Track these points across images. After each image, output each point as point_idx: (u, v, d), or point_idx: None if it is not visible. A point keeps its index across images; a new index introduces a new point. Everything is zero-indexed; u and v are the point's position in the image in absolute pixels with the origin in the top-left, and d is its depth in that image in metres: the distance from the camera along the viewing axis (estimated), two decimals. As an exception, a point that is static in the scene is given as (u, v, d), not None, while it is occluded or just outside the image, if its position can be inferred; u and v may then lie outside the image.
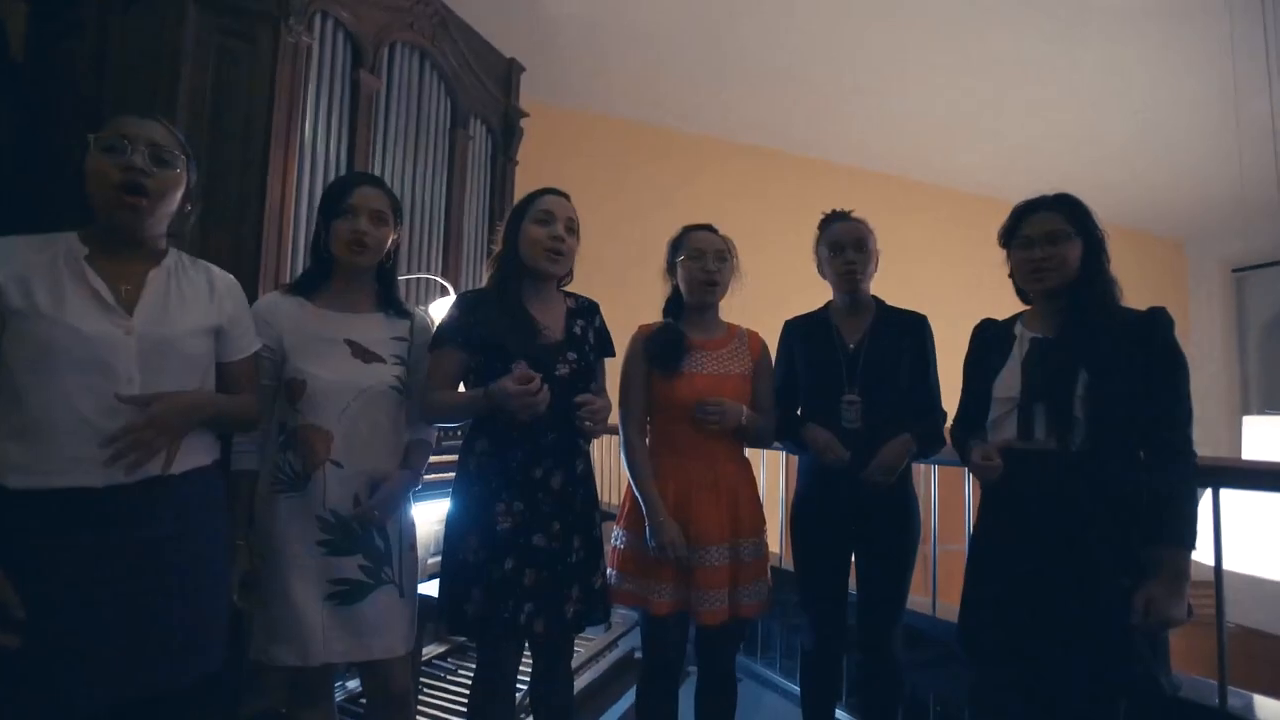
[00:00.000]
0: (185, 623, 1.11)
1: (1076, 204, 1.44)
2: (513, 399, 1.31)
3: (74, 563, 1.01)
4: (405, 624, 1.41)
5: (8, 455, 0.99)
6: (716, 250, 1.67)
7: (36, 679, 0.97)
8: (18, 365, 1.00)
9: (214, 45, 2.15)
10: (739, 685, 2.37)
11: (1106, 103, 4.78)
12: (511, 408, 1.33)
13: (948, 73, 4.51)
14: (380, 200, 1.42)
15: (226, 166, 2.14)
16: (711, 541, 1.56)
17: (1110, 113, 4.91)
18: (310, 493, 1.32)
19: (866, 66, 4.49)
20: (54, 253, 1.07)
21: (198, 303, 1.18)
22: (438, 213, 3.03)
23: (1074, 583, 1.28)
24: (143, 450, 1.03)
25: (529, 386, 1.31)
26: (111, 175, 1.08)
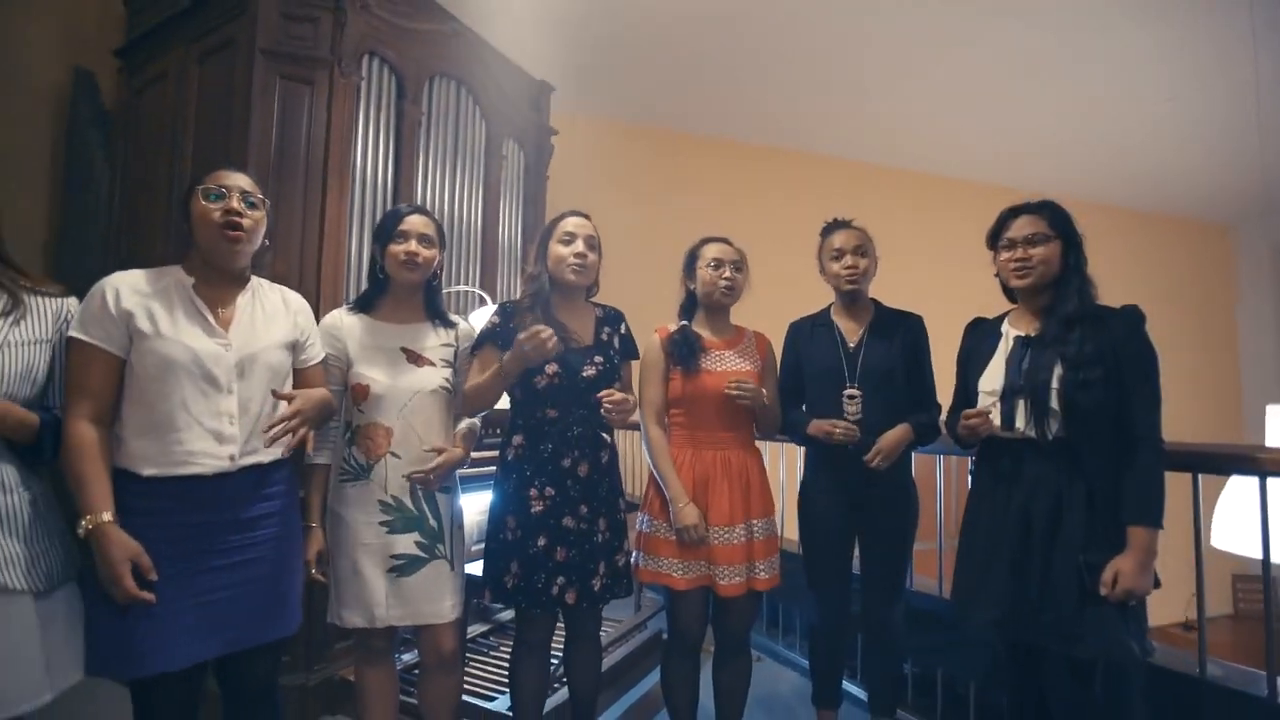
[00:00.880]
0: (274, 588, 1.35)
1: (1057, 209, 1.56)
2: (523, 344, 1.50)
3: (189, 537, 1.24)
4: (454, 594, 1.61)
5: (140, 450, 1.23)
6: (733, 260, 1.85)
7: (162, 631, 1.21)
8: (145, 376, 1.24)
9: (277, 89, 2.42)
10: (762, 664, 2.54)
11: (1133, 91, 4.75)
12: (525, 354, 1.52)
13: (969, 67, 4.56)
14: (428, 226, 1.64)
15: (289, 196, 2.40)
16: (727, 522, 1.72)
17: (1137, 101, 4.87)
18: (373, 481, 1.55)
19: (889, 64, 4.55)
20: (167, 283, 1.31)
21: (276, 321, 1.42)
22: (475, 228, 3.27)
23: (1047, 558, 1.41)
24: (295, 441, 1.30)
25: (534, 333, 1.49)
26: (215, 217, 1.31)
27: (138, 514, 1.21)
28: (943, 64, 4.52)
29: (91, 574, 1.21)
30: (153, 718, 1.26)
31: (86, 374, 1.21)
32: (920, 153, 5.78)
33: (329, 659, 2.34)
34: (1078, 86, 4.71)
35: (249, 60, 2.39)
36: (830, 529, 1.84)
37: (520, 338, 1.51)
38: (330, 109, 2.48)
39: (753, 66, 4.60)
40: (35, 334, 1.18)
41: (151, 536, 1.20)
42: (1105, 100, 4.86)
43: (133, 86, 2.87)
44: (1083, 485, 1.41)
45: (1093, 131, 5.22)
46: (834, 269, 1.87)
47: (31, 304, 1.19)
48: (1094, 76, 4.59)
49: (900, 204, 5.89)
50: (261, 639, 1.34)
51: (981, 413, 1.49)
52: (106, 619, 1.20)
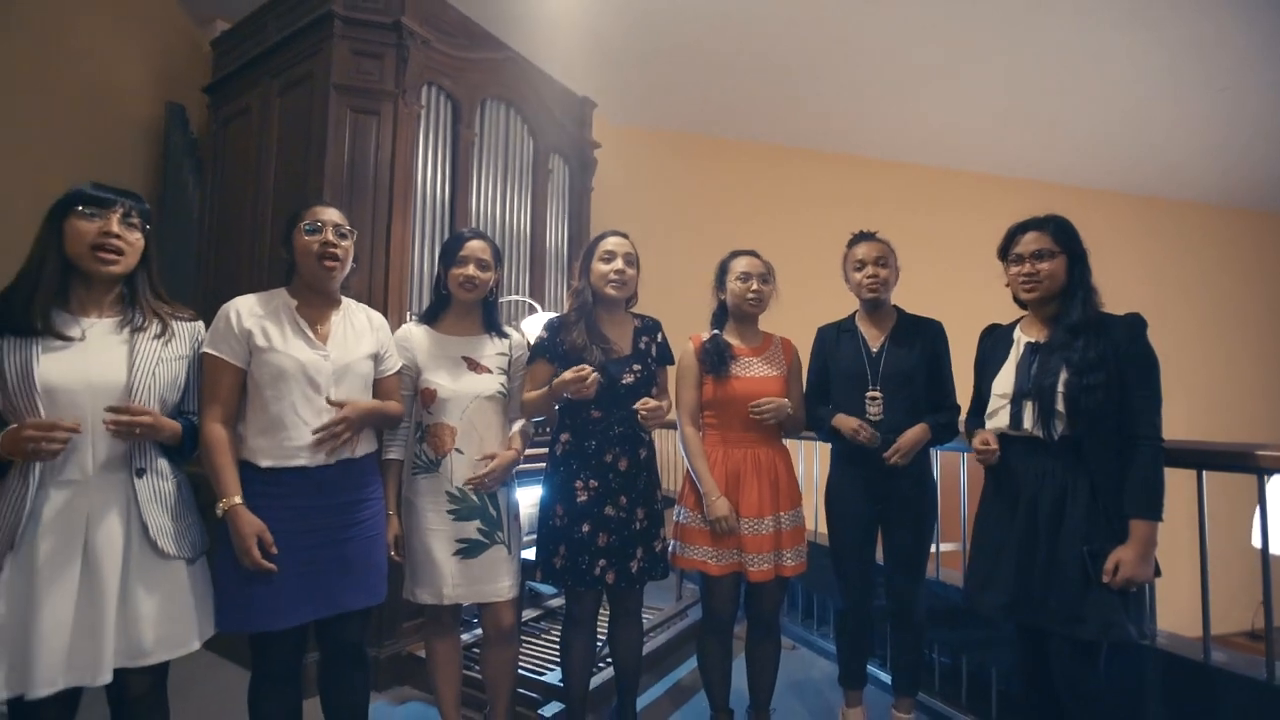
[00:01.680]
0: (365, 563, 1.58)
1: (1063, 224, 1.67)
2: (567, 385, 1.70)
3: (298, 519, 1.48)
4: (512, 575, 1.82)
5: (259, 446, 1.48)
6: (760, 273, 2.00)
7: (276, 596, 1.45)
8: (262, 383, 1.48)
9: (348, 120, 2.68)
10: (797, 652, 2.69)
11: (1185, 83, 4.67)
12: (568, 391, 1.72)
13: (1018, 66, 4.56)
14: (485, 250, 1.85)
15: (360, 217, 2.64)
16: (756, 514, 1.88)
17: (1191, 92, 4.78)
18: (441, 473, 1.77)
19: (934, 65, 4.59)
20: (276, 304, 1.56)
21: (364, 336, 1.65)
22: (524, 238, 3.49)
23: (1052, 547, 1.53)
24: (338, 438, 1.51)
25: (580, 375, 1.69)
26: (314, 248, 1.55)
27: (258, 498, 1.45)
28: (991, 63, 4.55)
29: (216, 549, 1.47)
30: (267, 666, 1.51)
31: (217, 383, 1.46)
32: (969, 152, 5.77)
33: (398, 636, 2.59)
34: (1128, 81, 4.67)
35: (324, 95, 2.66)
36: (854, 521, 1.98)
37: (567, 378, 1.71)
38: (395, 136, 2.73)
39: (791, 70, 4.69)
40: (179, 352, 1.43)
41: (269, 517, 1.44)
42: (1157, 93, 4.80)
43: (219, 119, 3.19)
44: (1086, 480, 1.52)
45: (1144, 125, 5.14)
46: (856, 279, 2.00)
47: (175, 328, 1.44)
48: (1144, 70, 4.55)
49: (949, 203, 5.91)
50: (354, 606, 1.57)
51: (987, 451, 1.63)
52: (233, 585, 1.44)
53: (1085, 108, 5.05)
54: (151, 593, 1.34)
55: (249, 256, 2.91)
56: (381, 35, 2.70)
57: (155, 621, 1.33)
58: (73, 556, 1.27)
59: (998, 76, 4.70)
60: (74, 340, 1.31)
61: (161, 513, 1.36)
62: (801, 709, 2.36)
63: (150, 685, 1.39)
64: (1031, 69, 4.62)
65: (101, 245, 1.33)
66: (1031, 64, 4.56)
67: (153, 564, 1.35)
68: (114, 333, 1.36)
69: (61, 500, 1.28)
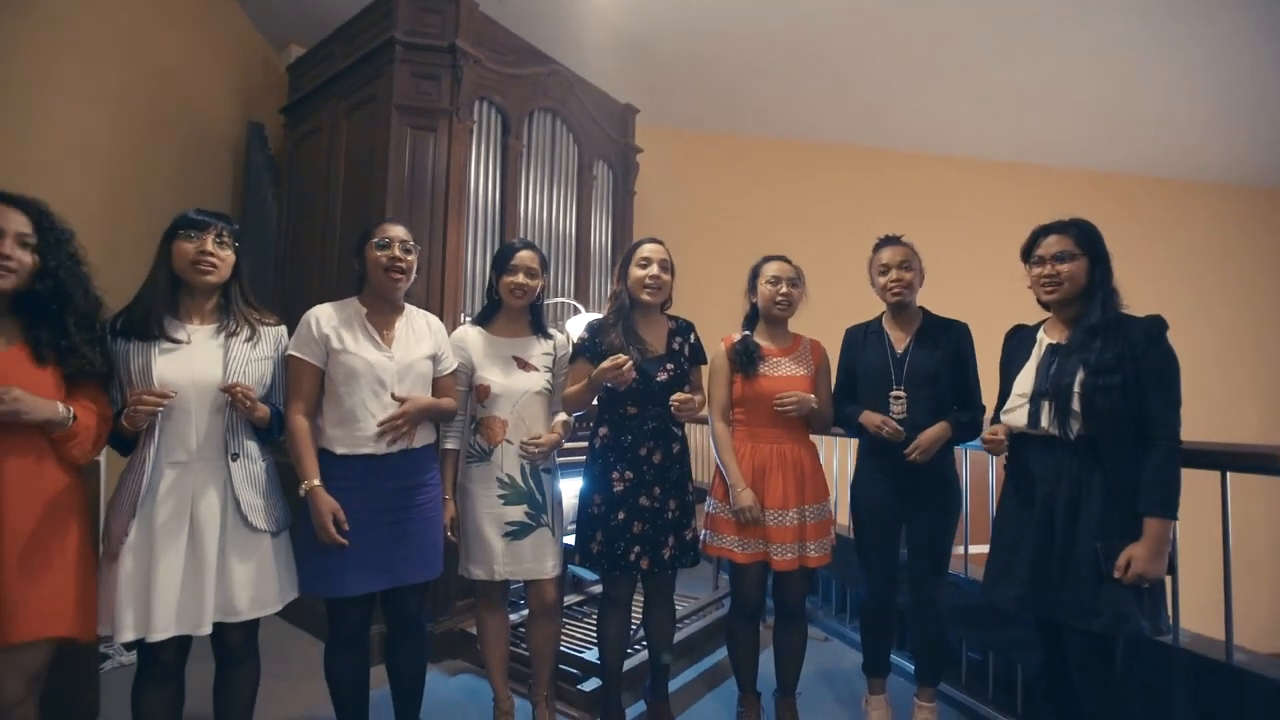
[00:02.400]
0: (423, 540, 1.77)
1: (1086, 227, 1.71)
2: (606, 374, 1.84)
3: (368, 500, 1.68)
4: (555, 556, 1.99)
5: (334, 436, 1.69)
6: (790, 277, 2.11)
7: (347, 567, 1.66)
8: (337, 381, 1.69)
9: (408, 138, 2.90)
10: (830, 644, 2.78)
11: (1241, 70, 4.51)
12: (607, 379, 1.86)
13: (1065, 57, 4.49)
14: (533, 260, 2.01)
15: (418, 226, 2.86)
16: (780, 506, 1.99)
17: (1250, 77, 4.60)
18: (492, 462, 1.94)
19: (978, 58, 4.56)
20: (349, 312, 1.76)
21: (424, 339, 1.84)
22: (569, 241, 3.67)
23: (1067, 542, 1.58)
24: (397, 430, 1.70)
25: (617, 362, 1.83)
26: (383, 261, 1.75)
27: (333, 481, 1.66)
28: (1032, 54, 4.48)
29: (298, 525, 1.68)
30: (340, 629, 1.73)
31: (300, 381, 1.68)
32: (1016, 143, 5.68)
33: (452, 614, 2.81)
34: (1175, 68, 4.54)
35: (386, 115, 2.89)
36: (878, 515, 2.06)
37: (605, 366, 1.84)
38: (449, 150, 2.93)
39: (832, 66, 4.73)
40: (264, 353, 1.65)
41: (342, 498, 1.65)
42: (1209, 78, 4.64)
43: (294, 137, 3.48)
44: (1101, 478, 1.57)
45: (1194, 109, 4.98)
46: (881, 282, 2.08)
47: (261, 332, 1.66)
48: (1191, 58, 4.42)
49: (995, 195, 5.83)
50: (413, 579, 1.76)
51: (995, 440, 1.70)
52: (312, 556, 1.66)
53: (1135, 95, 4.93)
54: (244, 560, 1.56)
55: (320, 263, 3.18)
56: (438, 58, 2.91)
57: (247, 584, 1.55)
58: (181, 526, 1.50)
59: (1038, 67, 4.63)
60: (182, 343, 1.54)
61: (252, 491, 1.58)
62: (829, 696, 2.45)
63: (244, 638, 1.62)
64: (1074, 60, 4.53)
65: (199, 261, 1.55)
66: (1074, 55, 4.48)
67: (245, 535, 1.57)
68: (212, 337, 1.59)
69: (172, 478, 1.50)
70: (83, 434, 1.41)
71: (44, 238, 1.40)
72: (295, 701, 2.29)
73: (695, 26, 4.28)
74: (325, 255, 3.15)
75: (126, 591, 1.44)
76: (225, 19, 3.84)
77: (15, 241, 1.35)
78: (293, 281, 3.35)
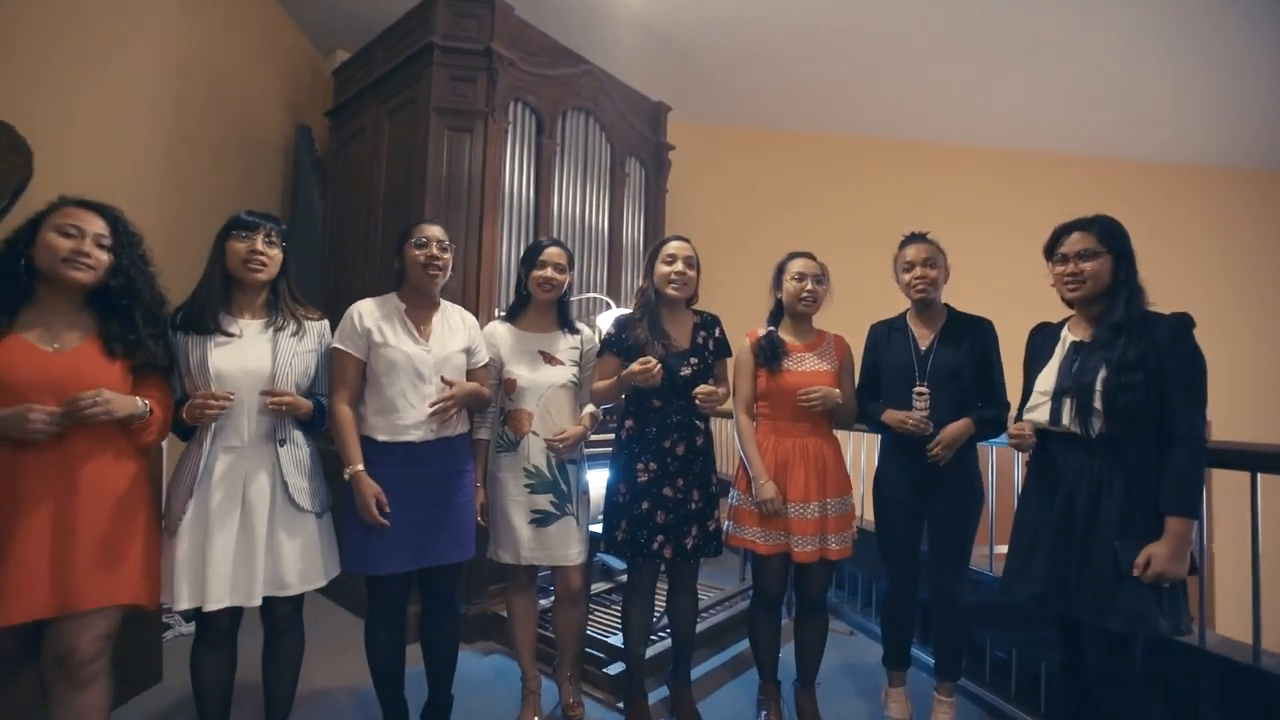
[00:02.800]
0: (457, 523, 1.87)
1: (1109, 224, 1.69)
2: (635, 376, 1.91)
3: (405, 484, 1.79)
4: (580, 543, 2.07)
5: (376, 424, 1.80)
6: (815, 274, 2.13)
7: (387, 547, 1.76)
8: (378, 372, 1.80)
9: (446, 139, 3.01)
10: (855, 638, 2.80)
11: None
12: (635, 381, 1.93)
13: (1106, 46, 4.36)
14: (561, 256, 2.09)
15: (455, 224, 2.97)
16: (802, 499, 2.02)
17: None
18: (519, 452, 2.03)
19: (1015, 50, 4.47)
20: (389, 308, 1.87)
21: (458, 334, 1.93)
22: (601, 238, 3.74)
23: (1086, 541, 1.58)
24: (446, 412, 1.81)
25: (646, 366, 1.90)
26: (421, 260, 1.85)
27: (375, 466, 1.76)
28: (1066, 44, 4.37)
29: (342, 507, 1.79)
30: (379, 603, 1.83)
31: (344, 372, 1.79)
32: (1052, 133, 5.52)
33: (484, 598, 2.92)
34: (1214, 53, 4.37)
35: (425, 117, 3.00)
36: (900, 509, 2.08)
37: (635, 369, 1.91)
38: (485, 150, 3.03)
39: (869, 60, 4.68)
40: (309, 346, 1.76)
41: (383, 482, 1.75)
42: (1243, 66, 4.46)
43: (339, 139, 3.63)
44: (1122, 477, 1.56)
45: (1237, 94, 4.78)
46: (905, 279, 2.09)
47: (306, 327, 1.77)
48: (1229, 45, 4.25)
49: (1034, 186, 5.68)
50: (448, 559, 1.86)
51: (1021, 436, 1.71)
52: (355, 536, 1.77)
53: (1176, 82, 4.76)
54: (291, 538, 1.67)
55: (362, 258, 3.32)
56: (474, 61, 3.00)
57: (294, 560, 1.67)
58: (234, 505, 1.62)
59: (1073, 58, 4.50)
60: (234, 337, 1.66)
61: (298, 475, 1.70)
62: (850, 688, 2.48)
63: (291, 611, 1.74)
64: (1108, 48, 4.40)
65: (250, 260, 1.67)
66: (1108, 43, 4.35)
67: (292, 515, 1.69)
68: (262, 331, 1.71)
69: (226, 461, 1.63)
70: (153, 424, 1.55)
71: (118, 239, 1.53)
72: (336, 673, 2.42)
73: (728, 22, 4.29)
74: (368, 252, 3.29)
75: (184, 565, 1.57)
76: (275, 26, 4.02)
77: (94, 242, 1.48)
78: (338, 277, 3.51)
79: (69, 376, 1.42)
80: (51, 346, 1.45)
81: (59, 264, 1.44)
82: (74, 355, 1.46)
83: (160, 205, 2.98)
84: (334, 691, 2.32)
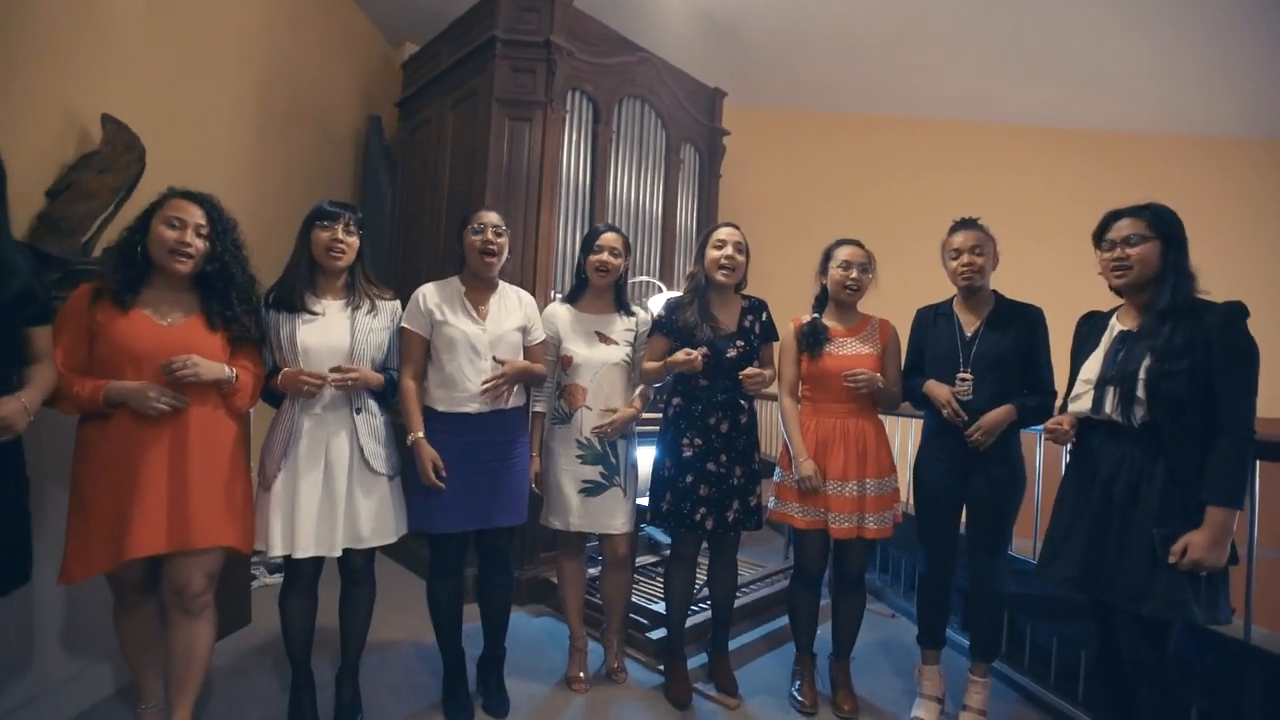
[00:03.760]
0: (511, 489, 2.02)
1: (1161, 210, 1.67)
2: (678, 364, 2.02)
3: (463, 452, 1.94)
4: (626, 513, 2.19)
5: (437, 396, 1.96)
6: (860, 262, 2.17)
7: (446, 508, 1.93)
8: (440, 349, 1.96)
9: (506, 128, 3.14)
10: (896, 620, 2.85)
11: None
12: (677, 368, 2.04)
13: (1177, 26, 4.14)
14: (617, 241, 2.20)
15: (514, 210, 3.11)
16: (840, 477, 2.08)
17: None
18: (573, 425, 2.16)
19: (1080, 30, 4.29)
20: (450, 290, 2.02)
21: (514, 313, 2.07)
22: (655, 223, 3.83)
23: (1124, 527, 1.59)
24: (498, 389, 1.95)
25: (690, 358, 2.00)
26: (477, 245, 1.99)
27: (435, 434, 1.93)
28: (1145, 24, 4.16)
29: (408, 471, 1.97)
30: (440, 560, 2.01)
31: (410, 349, 1.96)
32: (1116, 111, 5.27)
33: (536, 563, 3.09)
34: None
35: (487, 107, 3.14)
36: (938, 493, 2.11)
37: (678, 358, 2.02)
38: (544, 138, 3.16)
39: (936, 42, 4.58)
40: (382, 324, 1.93)
41: (442, 449, 1.92)
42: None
43: (407, 129, 3.83)
44: (1164, 465, 1.56)
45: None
46: (952, 266, 2.10)
47: (380, 306, 1.94)
48: None
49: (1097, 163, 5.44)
50: (502, 523, 2.02)
51: (1058, 430, 1.73)
52: (418, 498, 1.94)
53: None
54: (367, 497, 1.85)
55: (427, 241, 3.52)
56: (534, 52, 3.12)
57: (369, 517, 1.85)
58: (317, 466, 1.81)
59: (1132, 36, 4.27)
60: (318, 315, 1.84)
61: (373, 440, 1.87)
62: (885, 664, 2.54)
63: (365, 562, 1.93)
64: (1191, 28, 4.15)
65: (332, 248, 1.84)
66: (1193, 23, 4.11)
67: (367, 477, 1.86)
68: (341, 311, 1.88)
69: (311, 426, 1.81)
70: (243, 389, 1.74)
71: (214, 227, 1.71)
72: (402, 627, 2.64)
73: (785, 6, 4.27)
74: (432, 235, 3.48)
75: (276, 516, 1.77)
76: (349, 21, 4.25)
77: (194, 231, 1.67)
78: (404, 259, 3.72)
79: (179, 347, 1.61)
80: (165, 321, 1.65)
81: (165, 255, 1.63)
82: (183, 329, 1.66)
83: (246, 190, 3.23)
84: (399, 643, 2.54)
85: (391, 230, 3.89)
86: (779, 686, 2.35)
